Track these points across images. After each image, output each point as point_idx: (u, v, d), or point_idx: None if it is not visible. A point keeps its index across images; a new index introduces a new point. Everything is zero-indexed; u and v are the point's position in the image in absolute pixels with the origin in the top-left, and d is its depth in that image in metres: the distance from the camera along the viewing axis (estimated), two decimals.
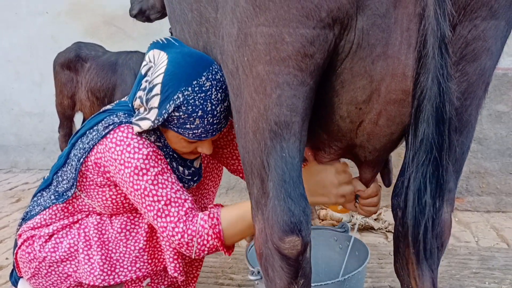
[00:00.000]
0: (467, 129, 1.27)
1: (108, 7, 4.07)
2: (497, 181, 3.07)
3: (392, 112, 1.23)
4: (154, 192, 1.48)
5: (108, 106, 1.67)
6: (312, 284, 1.32)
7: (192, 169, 1.69)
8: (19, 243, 1.69)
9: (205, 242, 1.49)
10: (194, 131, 1.48)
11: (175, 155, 1.62)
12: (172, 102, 1.43)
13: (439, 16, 1.04)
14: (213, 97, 1.45)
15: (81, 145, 1.58)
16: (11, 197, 3.76)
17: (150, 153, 1.50)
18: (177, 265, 1.62)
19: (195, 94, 1.43)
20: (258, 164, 1.22)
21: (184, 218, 1.49)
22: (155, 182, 1.49)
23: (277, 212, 1.18)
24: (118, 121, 1.54)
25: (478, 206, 3.10)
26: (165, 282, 1.76)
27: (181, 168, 1.64)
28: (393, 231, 2.80)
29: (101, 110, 1.66)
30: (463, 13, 1.13)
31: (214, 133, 1.51)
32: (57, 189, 1.66)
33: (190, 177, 1.68)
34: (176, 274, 1.62)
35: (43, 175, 4.13)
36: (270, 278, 1.27)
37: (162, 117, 1.44)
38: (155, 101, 1.45)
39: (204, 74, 1.44)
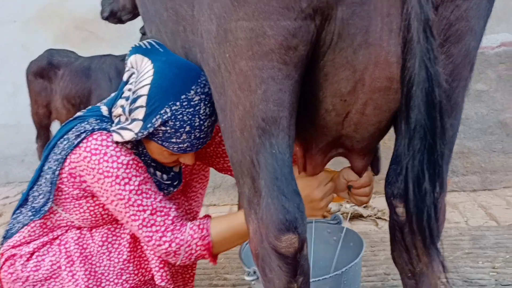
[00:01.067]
0: (455, 111, 1.26)
1: (78, 12, 3.98)
2: (481, 159, 3.10)
3: (379, 100, 1.21)
4: (139, 202, 1.44)
5: (79, 113, 1.60)
6: (311, 280, 1.30)
7: (172, 173, 1.65)
8: (0, 263, 1.62)
9: (193, 251, 1.47)
10: (180, 145, 1.44)
11: (153, 162, 1.57)
12: (159, 116, 1.38)
13: None
14: (201, 111, 1.40)
15: (54, 157, 1.52)
16: None
17: (130, 162, 1.44)
18: (164, 274, 1.58)
19: (183, 109, 1.38)
20: (248, 162, 1.19)
21: (172, 227, 1.46)
22: (139, 192, 1.44)
23: (271, 211, 1.15)
24: (90, 128, 1.48)
25: (464, 185, 3.12)
26: None
27: (158, 173, 1.60)
28: (383, 217, 2.83)
29: (71, 118, 1.60)
30: None
31: (199, 146, 1.47)
32: (33, 205, 1.60)
33: (169, 182, 1.64)
34: (163, 283, 1.58)
35: (23, 187, 4.04)
36: (268, 278, 1.24)
37: (147, 130, 1.39)
38: (140, 113, 1.40)
39: (192, 87, 1.39)
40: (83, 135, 1.46)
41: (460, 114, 1.31)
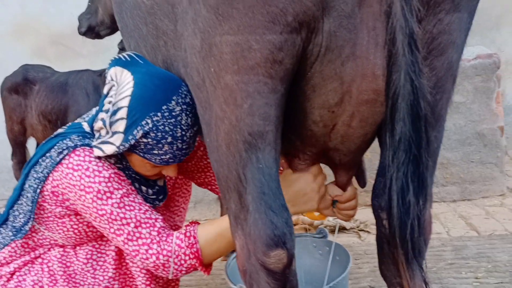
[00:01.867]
0: (439, 123, 1.27)
1: (54, 27, 3.93)
2: (460, 170, 3.13)
3: (365, 112, 1.21)
4: (122, 215, 1.41)
5: (60, 130, 1.57)
6: None
7: (156, 187, 1.62)
8: None
9: (182, 262, 1.43)
10: (162, 157, 1.41)
11: (137, 176, 1.54)
12: (140, 127, 1.35)
13: (406, 13, 1.03)
14: (183, 122, 1.39)
15: (35, 175, 1.48)
16: None
17: (112, 175, 1.42)
18: None
19: (164, 120, 1.36)
20: (234, 177, 1.17)
21: (158, 239, 1.42)
22: (121, 205, 1.41)
23: (258, 226, 1.14)
24: (73, 144, 1.45)
25: (444, 196, 3.15)
26: None
27: (144, 188, 1.57)
28: (365, 230, 2.83)
29: (53, 135, 1.57)
30: (427, 8, 1.12)
31: (182, 157, 1.45)
32: (14, 224, 1.55)
33: (155, 196, 1.61)
34: None
35: None
36: None
37: (129, 143, 1.37)
38: (120, 126, 1.37)
39: (173, 98, 1.37)
40: (65, 152, 1.43)
41: (443, 126, 1.32)
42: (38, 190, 1.45)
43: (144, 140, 1.37)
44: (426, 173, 1.09)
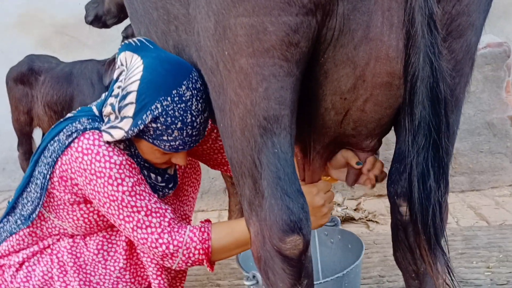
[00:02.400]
0: (457, 108, 1.25)
1: (59, 16, 3.90)
2: (468, 160, 3.11)
3: (379, 96, 1.19)
4: (132, 203, 1.39)
5: (70, 114, 1.55)
6: None
7: (166, 176, 1.60)
8: None
9: (191, 255, 1.42)
10: (172, 143, 1.39)
11: (146, 164, 1.53)
12: (149, 112, 1.33)
13: None
14: (193, 107, 1.36)
15: (44, 161, 1.46)
16: None
17: (124, 162, 1.40)
18: (161, 282, 1.54)
19: (174, 105, 1.34)
20: (249, 163, 1.15)
21: (169, 229, 1.41)
22: (132, 193, 1.39)
23: (274, 212, 1.12)
24: (82, 127, 1.43)
25: (453, 186, 3.12)
26: None
27: (153, 175, 1.55)
28: (374, 220, 2.81)
29: (62, 119, 1.55)
30: None
31: (192, 144, 1.43)
32: (22, 212, 1.53)
33: (164, 184, 1.59)
34: None
35: (4, 197, 3.93)
36: (271, 281, 1.20)
37: (138, 127, 1.35)
38: (129, 110, 1.35)
39: (184, 82, 1.34)
40: (74, 135, 1.41)
41: (461, 111, 1.30)
42: (48, 176, 1.43)
43: (153, 125, 1.35)
44: (446, 157, 1.07)
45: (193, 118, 1.37)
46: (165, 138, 1.38)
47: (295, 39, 1.06)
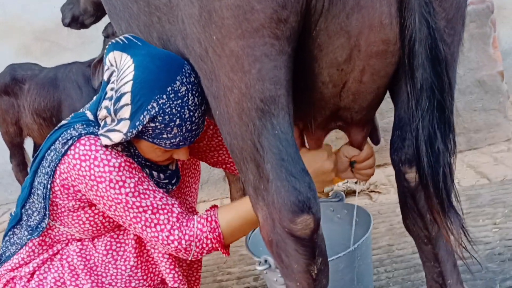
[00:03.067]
0: (453, 67, 1.23)
1: (36, 23, 3.83)
2: (463, 120, 3.11)
3: (376, 65, 1.18)
4: (138, 204, 1.37)
5: (64, 121, 1.52)
6: None
7: (169, 172, 1.58)
8: None
9: (204, 245, 1.41)
10: (172, 140, 1.36)
11: (147, 162, 1.50)
12: (146, 112, 1.30)
13: None
14: (190, 102, 1.33)
15: (43, 171, 1.44)
16: None
17: (122, 164, 1.37)
18: (176, 275, 1.53)
19: (171, 102, 1.31)
20: (250, 147, 1.13)
21: (178, 224, 1.39)
22: (136, 194, 1.37)
23: (281, 194, 1.10)
24: (77, 134, 1.40)
25: None
26: None
27: (155, 173, 1.53)
28: (376, 190, 2.82)
29: (57, 127, 1.52)
30: None
31: (192, 139, 1.40)
32: (28, 223, 1.51)
33: (167, 181, 1.57)
34: (176, 285, 1.52)
35: (3, 211, 3.90)
36: (285, 264, 1.19)
37: (136, 129, 1.32)
38: (126, 112, 1.32)
39: (178, 78, 1.31)
40: (70, 142, 1.38)
41: (456, 69, 1.29)
42: (49, 186, 1.41)
43: (152, 124, 1.33)
44: (451, 117, 1.06)
45: (191, 113, 1.34)
46: (164, 136, 1.35)
47: (284, 15, 1.04)
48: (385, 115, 2.97)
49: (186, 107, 1.33)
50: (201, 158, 1.78)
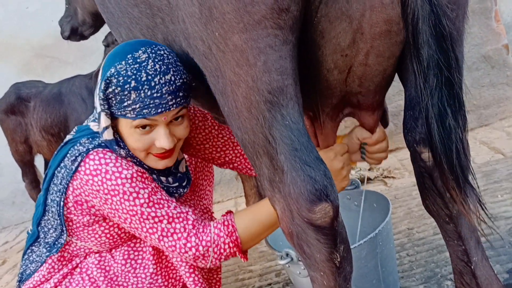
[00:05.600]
0: (459, 42, 1.21)
1: (35, 39, 3.85)
2: (471, 97, 3.08)
3: (380, 47, 1.16)
4: (153, 214, 1.36)
5: (69, 136, 1.51)
6: None
7: (179, 175, 1.57)
8: None
9: (222, 251, 1.39)
10: (133, 107, 1.32)
11: (155, 170, 1.49)
12: (105, 77, 1.33)
13: None
14: (148, 67, 1.31)
15: (55, 188, 1.44)
16: None
17: (134, 174, 1.36)
18: (196, 278, 1.52)
19: (128, 66, 1.31)
20: (262, 140, 1.12)
21: (194, 231, 1.38)
22: (150, 204, 1.36)
23: (298, 184, 1.09)
24: (84, 149, 1.40)
25: None
26: None
27: (163, 178, 1.51)
28: (390, 176, 2.79)
29: (63, 143, 1.51)
30: None
31: (158, 110, 1.33)
32: (46, 240, 1.51)
33: (177, 184, 1.56)
34: None
35: (20, 230, 3.92)
36: (307, 254, 1.18)
37: (100, 98, 1.33)
38: (96, 92, 1.36)
39: (141, 48, 1.33)
40: (79, 159, 1.37)
41: (463, 45, 1.27)
42: (62, 203, 1.40)
43: (110, 90, 1.32)
44: (461, 93, 1.04)
45: (149, 77, 1.31)
46: (126, 103, 1.32)
47: (284, 4, 1.02)
48: (393, 99, 2.95)
49: (143, 71, 1.30)
50: (209, 159, 1.77)
